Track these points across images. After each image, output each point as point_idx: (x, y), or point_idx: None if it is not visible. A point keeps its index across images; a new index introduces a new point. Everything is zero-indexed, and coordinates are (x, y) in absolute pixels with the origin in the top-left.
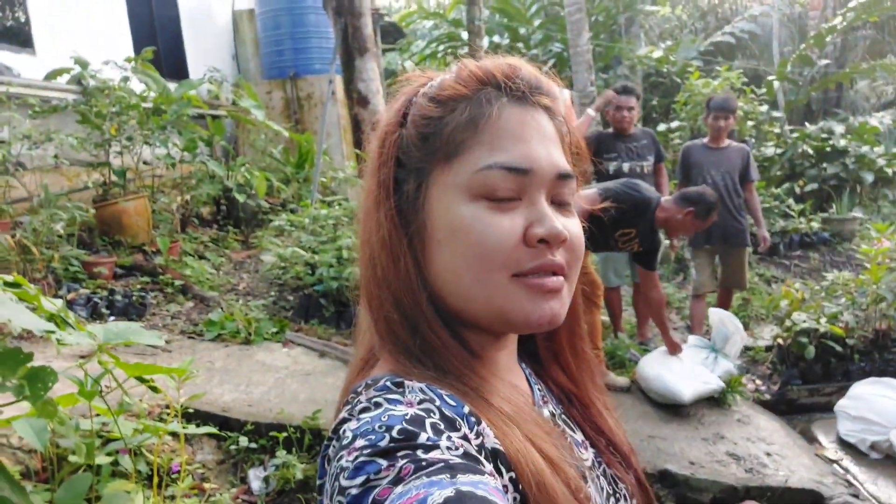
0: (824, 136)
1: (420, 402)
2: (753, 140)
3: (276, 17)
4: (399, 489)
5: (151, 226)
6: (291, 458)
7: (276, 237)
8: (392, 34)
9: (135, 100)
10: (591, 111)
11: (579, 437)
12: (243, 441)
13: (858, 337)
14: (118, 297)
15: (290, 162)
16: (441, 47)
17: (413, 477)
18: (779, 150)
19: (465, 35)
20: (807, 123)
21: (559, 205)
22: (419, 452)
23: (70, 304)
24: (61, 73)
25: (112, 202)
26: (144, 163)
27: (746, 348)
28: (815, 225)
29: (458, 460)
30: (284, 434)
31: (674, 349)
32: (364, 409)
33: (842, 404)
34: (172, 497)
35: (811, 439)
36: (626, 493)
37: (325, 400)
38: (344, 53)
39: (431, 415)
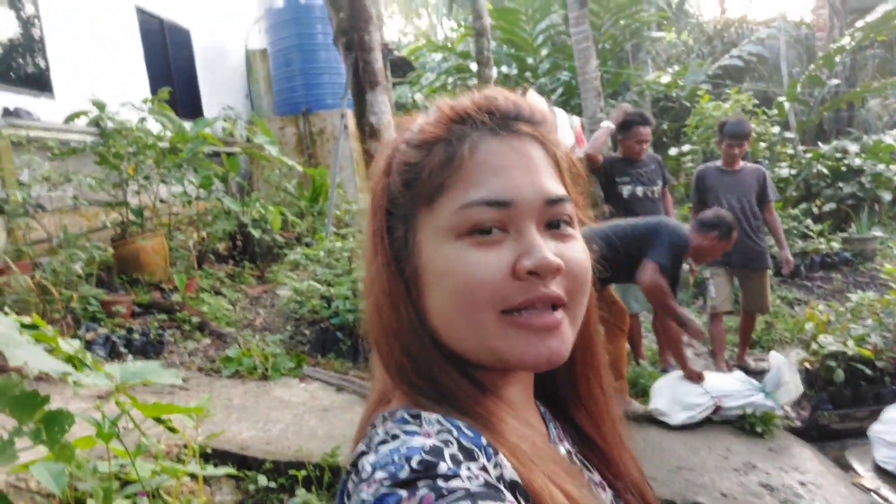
0: (838, 155)
1: (438, 433)
2: (767, 161)
3: (287, 54)
4: None
5: (168, 263)
6: (311, 498)
7: (292, 271)
8: (402, 68)
9: (151, 140)
10: (607, 123)
11: (596, 477)
12: (262, 480)
13: (888, 359)
14: (136, 336)
15: (304, 196)
16: (450, 79)
17: None
18: (793, 171)
19: (473, 66)
20: (820, 143)
21: (556, 230)
22: (439, 482)
23: (89, 344)
24: (79, 116)
25: (129, 241)
26: (161, 201)
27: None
28: (836, 245)
29: (480, 489)
30: (304, 472)
31: (693, 378)
32: (382, 442)
33: (876, 429)
34: None
35: (846, 467)
36: None
37: (343, 436)
38: (355, 87)
39: (450, 445)
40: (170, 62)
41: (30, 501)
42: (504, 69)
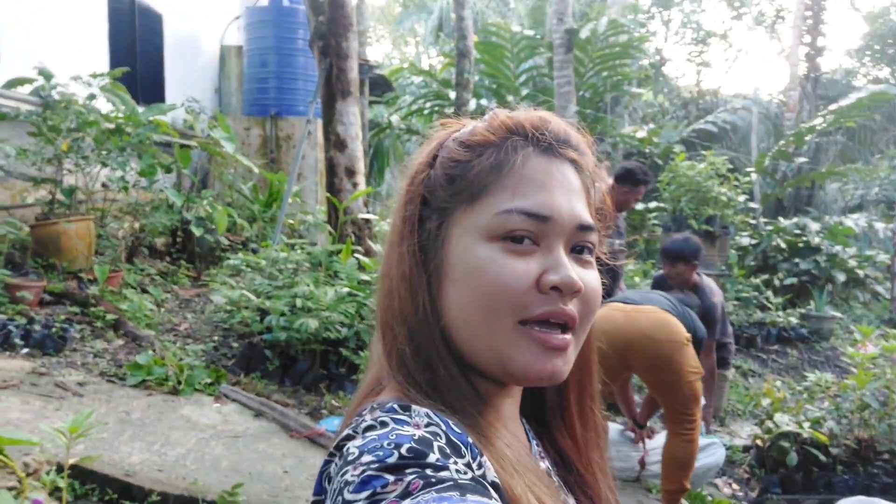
0: (798, 231)
1: (427, 426)
2: (734, 227)
3: (263, 55)
4: (407, 502)
5: (93, 252)
6: None
7: (231, 277)
8: (381, 87)
9: (94, 117)
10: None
11: (572, 502)
12: None
13: (842, 446)
14: (37, 327)
15: (259, 200)
16: (428, 104)
17: (422, 492)
18: (753, 241)
19: (452, 95)
20: (780, 218)
21: (579, 255)
22: (428, 471)
23: None
24: (23, 83)
25: (52, 222)
26: (103, 185)
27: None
28: (794, 320)
29: (468, 482)
30: None
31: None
32: (369, 428)
33: None
34: None
35: None
36: None
37: (250, 472)
38: (326, 95)
39: (438, 438)
40: (136, 44)
41: None
42: (483, 101)
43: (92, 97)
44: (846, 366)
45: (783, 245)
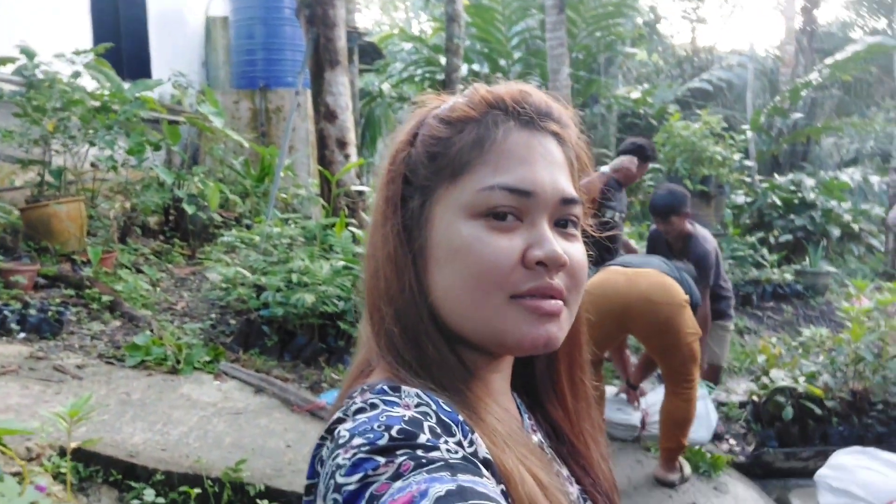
0: (793, 187)
1: (417, 406)
2: (729, 186)
3: (250, 25)
4: (398, 484)
5: (85, 233)
6: None
7: (226, 254)
8: (371, 55)
9: (79, 95)
10: (606, 169)
11: (565, 472)
12: (149, 495)
13: (837, 398)
14: (32, 311)
15: (251, 175)
16: (419, 71)
17: (413, 473)
18: (749, 199)
19: (444, 61)
20: (776, 175)
21: (563, 229)
22: (419, 451)
23: None
24: (5, 63)
25: (42, 204)
26: (92, 165)
27: (720, 403)
28: (789, 277)
29: (458, 461)
30: (198, 490)
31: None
32: (360, 410)
33: (822, 474)
34: None
35: None
36: None
37: (252, 447)
38: (314, 65)
39: (428, 418)
40: (119, 18)
41: None
42: (475, 66)
43: (76, 75)
44: (841, 320)
45: (778, 202)
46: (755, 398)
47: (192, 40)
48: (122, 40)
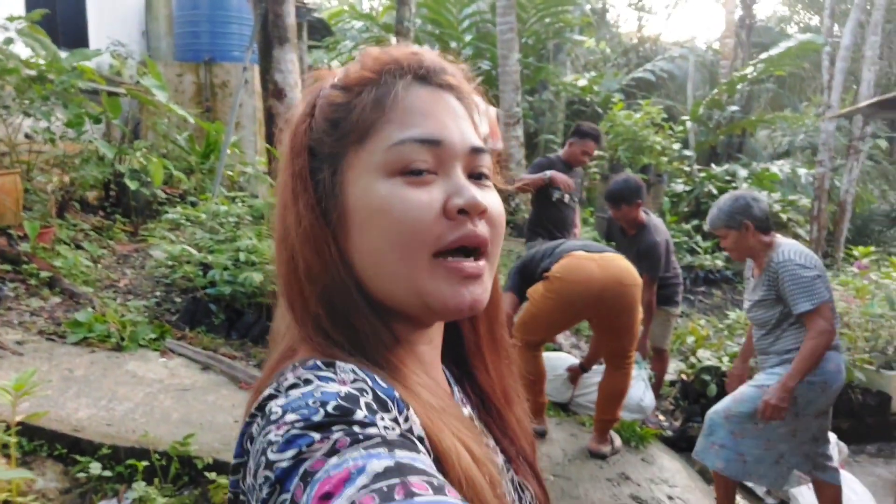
0: (728, 178)
1: (353, 381)
2: (667, 175)
3: None
4: (334, 460)
5: (21, 207)
6: (151, 491)
7: (171, 231)
8: (320, 31)
9: (13, 63)
10: (549, 174)
11: (491, 443)
12: (95, 467)
13: None
14: None
15: (196, 151)
16: None
17: (349, 449)
18: (687, 188)
19: (393, 40)
20: (713, 165)
21: (478, 181)
22: (355, 428)
23: None
24: None
25: None
26: (26, 136)
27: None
28: (720, 263)
29: (395, 438)
30: (145, 462)
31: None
32: (293, 386)
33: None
34: None
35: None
36: (531, 502)
37: (200, 422)
38: (262, 41)
39: (365, 394)
40: None
41: None
42: (426, 48)
43: (9, 41)
44: None
45: (714, 191)
46: (684, 377)
47: (131, 8)
48: (58, 6)
